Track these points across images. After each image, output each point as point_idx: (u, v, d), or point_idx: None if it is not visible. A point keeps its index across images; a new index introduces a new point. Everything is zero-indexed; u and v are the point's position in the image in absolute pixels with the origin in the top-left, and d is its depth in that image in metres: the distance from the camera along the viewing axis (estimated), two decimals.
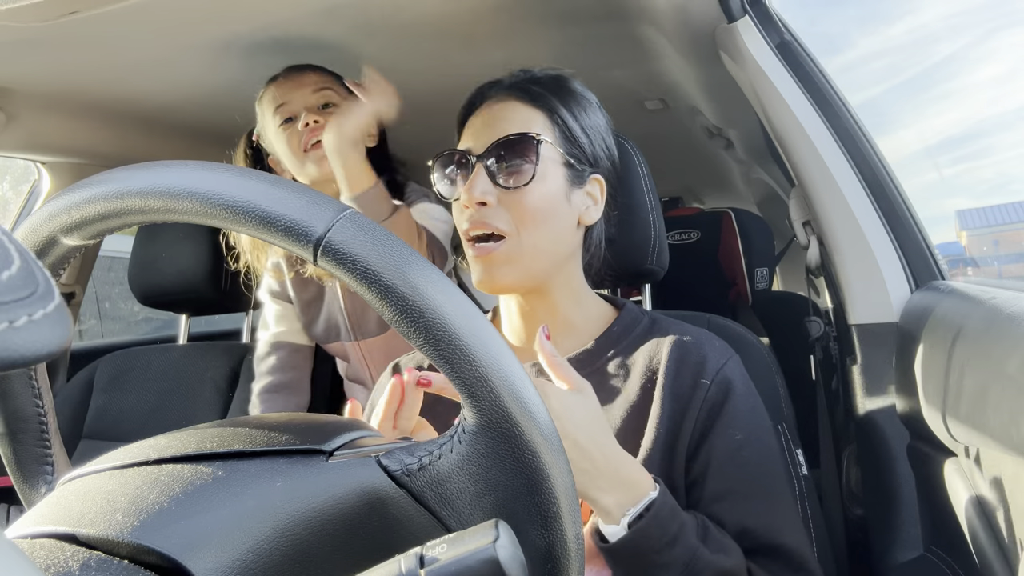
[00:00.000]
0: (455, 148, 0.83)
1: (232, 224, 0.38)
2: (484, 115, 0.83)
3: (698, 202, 3.38)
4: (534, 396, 0.39)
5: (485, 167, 0.79)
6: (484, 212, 0.78)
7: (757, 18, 1.13)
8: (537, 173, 0.78)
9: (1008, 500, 0.64)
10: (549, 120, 0.81)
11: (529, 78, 0.85)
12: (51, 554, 0.32)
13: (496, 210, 0.78)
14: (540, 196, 0.79)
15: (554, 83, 0.84)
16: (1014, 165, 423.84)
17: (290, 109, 1.22)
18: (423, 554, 0.33)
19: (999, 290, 0.73)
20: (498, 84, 0.85)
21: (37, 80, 1.35)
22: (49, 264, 0.45)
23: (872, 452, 0.99)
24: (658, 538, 0.64)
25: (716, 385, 0.77)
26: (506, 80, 0.86)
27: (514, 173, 0.78)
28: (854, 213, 1.03)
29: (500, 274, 0.79)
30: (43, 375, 0.49)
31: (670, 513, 0.66)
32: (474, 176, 0.79)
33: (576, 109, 0.84)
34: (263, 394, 1.40)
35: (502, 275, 0.79)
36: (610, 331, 0.85)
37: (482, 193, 0.78)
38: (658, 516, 0.65)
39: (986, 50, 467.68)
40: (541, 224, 0.79)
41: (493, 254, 0.78)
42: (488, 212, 0.78)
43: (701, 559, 0.66)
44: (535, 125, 0.80)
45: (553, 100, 0.82)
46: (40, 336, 0.22)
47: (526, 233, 0.78)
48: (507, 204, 0.78)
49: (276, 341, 1.45)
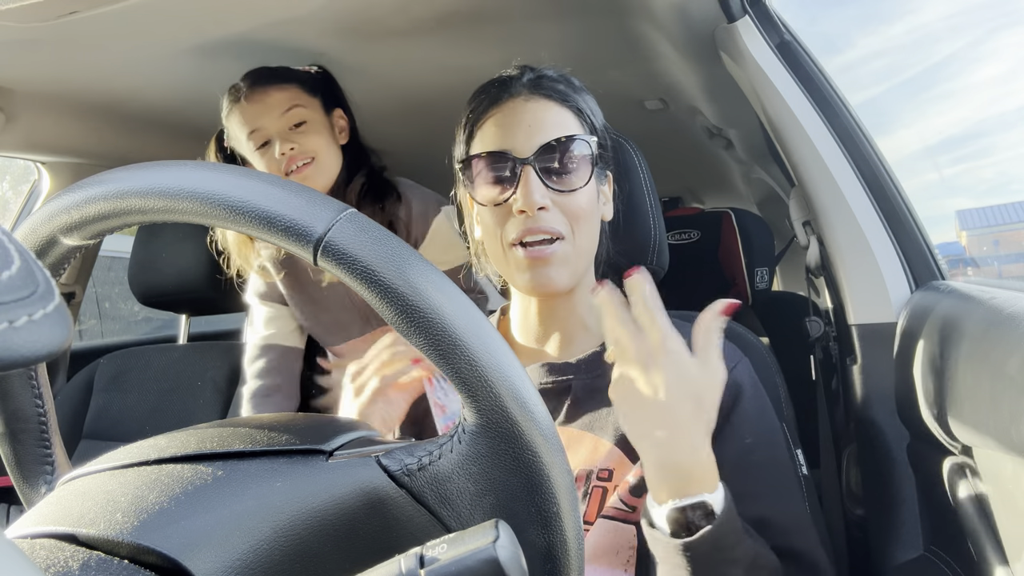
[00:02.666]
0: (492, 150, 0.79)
1: (232, 224, 0.38)
2: (515, 114, 0.80)
3: (698, 202, 3.38)
4: (534, 396, 0.39)
5: (536, 170, 0.77)
6: (541, 217, 0.76)
7: (757, 18, 1.13)
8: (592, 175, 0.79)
9: (1008, 500, 0.64)
10: (578, 119, 0.81)
11: (547, 76, 0.83)
12: (51, 554, 0.32)
13: (552, 214, 0.77)
14: (588, 197, 0.79)
15: (568, 82, 0.84)
16: (1014, 165, 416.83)
17: (264, 135, 1.23)
18: (423, 554, 0.33)
19: (999, 290, 0.73)
20: (515, 82, 0.82)
21: (37, 80, 1.35)
22: (49, 264, 0.45)
23: (872, 452, 0.99)
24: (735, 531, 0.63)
25: (726, 389, 0.77)
26: (523, 78, 0.83)
27: (566, 175, 0.77)
28: (854, 213, 1.03)
29: (557, 275, 0.78)
30: (43, 375, 0.49)
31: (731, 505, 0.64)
32: (528, 181, 0.76)
33: (592, 106, 0.84)
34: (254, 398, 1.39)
35: (559, 276, 0.78)
36: None
37: (542, 198, 0.76)
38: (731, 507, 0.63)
39: (986, 50, 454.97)
40: (589, 224, 0.80)
41: (552, 256, 0.77)
42: (547, 216, 0.77)
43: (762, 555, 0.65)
44: (572, 125, 0.80)
45: (578, 99, 0.82)
46: (40, 336, 0.22)
47: (579, 234, 0.78)
48: (561, 207, 0.78)
49: (266, 344, 1.44)
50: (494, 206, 0.79)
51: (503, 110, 0.81)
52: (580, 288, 0.84)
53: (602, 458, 0.77)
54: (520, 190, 0.76)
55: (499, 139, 0.80)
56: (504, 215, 0.79)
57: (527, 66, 0.85)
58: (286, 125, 1.23)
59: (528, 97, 0.81)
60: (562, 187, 0.77)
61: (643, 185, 0.97)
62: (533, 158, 0.77)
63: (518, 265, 0.78)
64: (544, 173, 0.77)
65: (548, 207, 0.77)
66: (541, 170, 0.77)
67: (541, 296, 0.82)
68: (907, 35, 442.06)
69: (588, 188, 0.79)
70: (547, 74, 0.84)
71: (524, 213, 0.76)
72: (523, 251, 0.77)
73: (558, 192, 0.77)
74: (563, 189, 0.77)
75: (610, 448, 0.77)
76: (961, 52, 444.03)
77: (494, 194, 0.79)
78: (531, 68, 0.85)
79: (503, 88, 0.82)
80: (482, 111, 0.83)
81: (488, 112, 0.82)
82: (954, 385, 0.72)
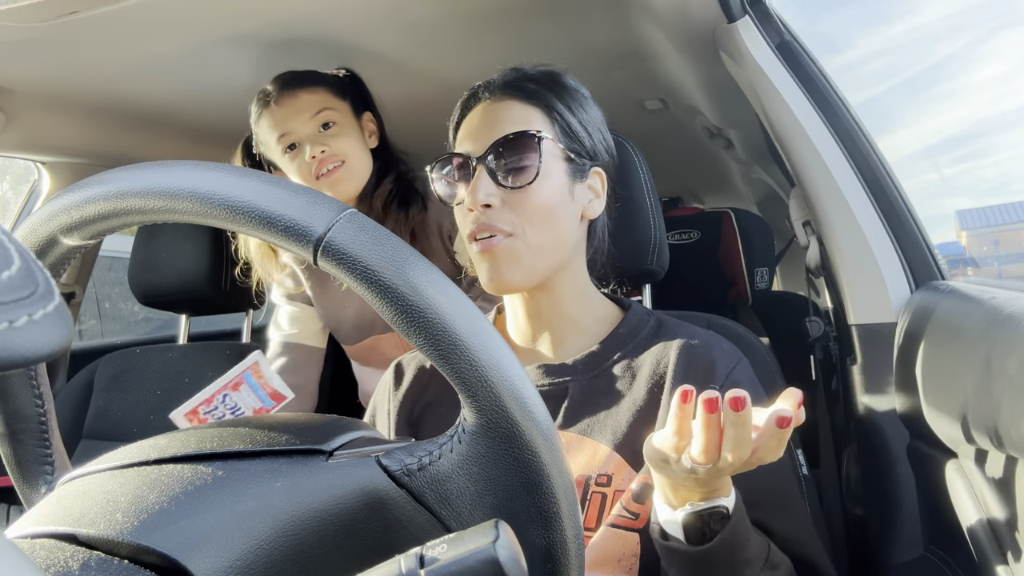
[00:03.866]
0: (453, 151, 0.82)
1: (232, 224, 0.38)
2: (481, 116, 0.82)
3: (698, 202, 3.38)
4: (534, 396, 0.39)
5: (486, 168, 0.78)
6: (489, 214, 0.77)
7: (757, 18, 1.13)
8: (541, 171, 0.77)
9: (1008, 500, 0.64)
10: (547, 116, 0.81)
11: (523, 76, 0.84)
12: (51, 554, 0.32)
13: (500, 211, 0.78)
14: (544, 194, 0.78)
15: (548, 79, 0.84)
16: (1014, 165, 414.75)
17: (293, 138, 1.22)
18: (423, 554, 0.33)
19: (999, 290, 0.73)
20: (491, 84, 0.84)
21: (37, 80, 1.35)
22: (49, 264, 0.45)
23: (872, 452, 0.99)
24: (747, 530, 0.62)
25: (725, 391, 0.76)
26: (499, 79, 0.84)
27: (517, 172, 0.77)
28: (854, 213, 1.03)
29: (507, 271, 0.78)
30: (43, 375, 0.49)
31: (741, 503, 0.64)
32: (476, 178, 0.78)
33: (572, 103, 0.83)
34: None
35: (509, 273, 0.78)
36: (616, 332, 0.84)
37: (486, 195, 0.77)
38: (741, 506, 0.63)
39: (986, 50, 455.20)
40: (545, 221, 0.79)
41: (496, 248, 0.77)
42: (492, 214, 0.77)
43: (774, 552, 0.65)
44: (534, 122, 0.80)
45: (549, 96, 0.82)
46: (40, 336, 0.22)
47: (531, 231, 0.78)
48: (511, 204, 0.78)
49: (289, 342, 1.44)
50: (456, 205, 0.82)
51: (473, 114, 0.83)
52: (563, 286, 0.83)
53: (600, 463, 0.76)
54: (470, 187, 0.78)
55: (463, 142, 0.82)
56: (464, 214, 0.80)
57: (514, 67, 0.86)
58: (316, 128, 1.22)
59: (497, 99, 0.82)
60: (510, 184, 0.78)
61: (643, 185, 0.97)
62: (484, 156, 0.78)
63: (476, 260, 0.80)
64: (495, 170, 0.78)
65: (495, 204, 0.78)
66: (492, 167, 0.78)
67: (499, 292, 0.82)
68: (907, 35, 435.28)
69: (544, 185, 0.78)
70: (525, 72, 0.84)
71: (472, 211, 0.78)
72: (476, 246, 0.79)
73: (507, 189, 0.78)
74: (510, 186, 0.78)
75: (609, 453, 0.76)
76: (961, 52, 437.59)
77: (452, 193, 0.82)
78: (517, 68, 0.85)
79: (475, 93, 0.85)
80: (459, 116, 0.86)
81: (464, 115, 0.85)
82: (954, 385, 0.72)
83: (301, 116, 1.21)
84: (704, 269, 2.33)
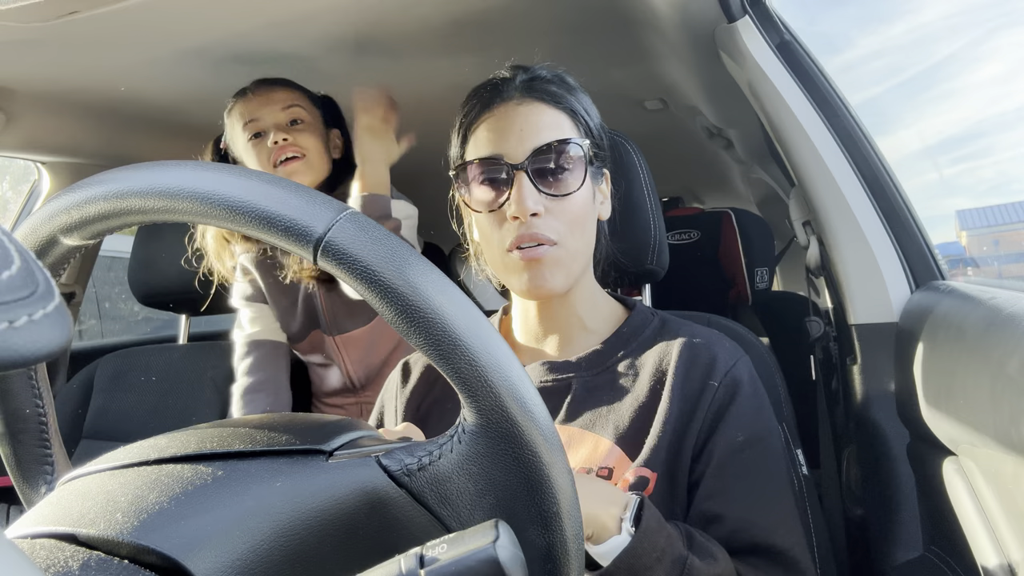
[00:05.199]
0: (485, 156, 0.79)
1: (232, 224, 0.38)
2: (508, 118, 0.80)
3: (698, 202, 3.38)
4: (534, 396, 0.39)
5: (528, 176, 0.77)
6: (536, 223, 0.76)
7: (757, 18, 1.13)
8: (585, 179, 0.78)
9: (1008, 500, 0.64)
10: (573, 121, 0.81)
11: (540, 78, 0.83)
12: (51, 554, 0.32)
13: (545, 219, 0.77)
14: (582, 200, 0.79)
15: (564, 82, 0.84)
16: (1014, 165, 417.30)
17: (259, 125, 1.25)
18: (423, 554, 0.33)
19: (999, 290, 0.73)
20: (508, 84, 0.82)
21: (37, 80, 1.35)
22: (49, 264, 0.45)
23: (872, 452, 0.99)
24: (649, 554, 0.63)
25: (724, 387, 0.77)
26: (516, 80, 0.83)
27: (559, 181, 0.77)
28: (854, 213, 1.03)
29: (552, 278, 0.77)
30: (43, 375, 0.49)
31: (657, 525, 0.65)
32: (521, 187, 0.76)
33: (587, 106, 0.84)
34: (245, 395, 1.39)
35: (554, 279, 0.78)
36: (620, 331, 0.85)
37: (535, 204, 0.76)
38: (647, 531, 0.64)
39: (986, 50, 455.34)
40: (582, 228, 0.79)
41: (544, 257, 0.77)
42: (539, 223, 0.76)
43: (693, 568, 0.65)
44: (564, 128, 0.80)
45: (572, 100, 0.82)
46: (40, 336, 0.22)
47: (571, 238, 0.78)
48: (554, 212, 0.77)
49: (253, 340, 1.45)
50: (489, 212, 0.79)
51: (496, 114, 0.81)
52: (578, 288, 0.84)
53: (602, 457, 0.77)
54: (513, 196, 0.76)
55: (492, 144, 0.79)
56: (499, 220, 0.78)
57: (521, 66, 0.85)
58: (284, 120, 1.26)
59: (520, 100, 0.80)
60: (556, 192, 0.77)
61: (643, 185, 0.97)
62: (526, 163, 0.77)
63: (515, 269, 0.78)
64: (537, 178, 0.77)
65: (541, 213, 0.76)
66: (534, 175, 0.77)
67: (540, 299, 0.82)
68: (907, 35, 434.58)
69: (582, 192, 0.79)
70: (540, 75, 0.83)
71: (518, 219, 0.76)
72: (519, 254, 0.77)
73: (552, 197, 0.77)
74: (556, 194, 0.77)
75: (610, 446, 0.77)
76: (961, 52, 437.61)
77: (488, 199, 0.79)
78: (524, 68, 0.84)
79: (495, 91, 0.82)
80: (475, 115, 0.82)
81: (481, 116, 0.82)
82: (954, 385, 0.72)
83: (272, 107, 1.26)
84: (704, 269, 2.33)
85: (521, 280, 0.78)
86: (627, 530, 0.63)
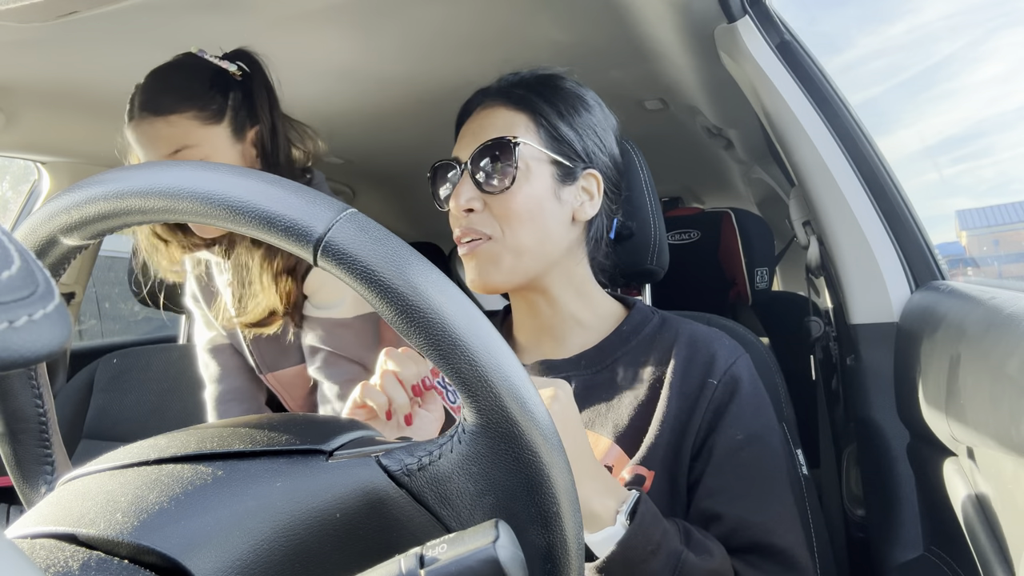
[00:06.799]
0: (448, 158, 0.85)
1: (232, 224, 0.38)
2: (473, 122, 0.85)
3: (698, 202, 3.38)
4: (534, 396, 0.39)
5: (471, 174, 0.81)
6: (471, 218, 0.80)
7: (757, 18, 1.13)
8: (518, 176, 0.79)
9: (1008, 500, 0.64)
10: (532, 121, 0.82)
11: (515, 81, 0.86)
12: (51, 554, 0.32)
13: (482, 215, 0.80)
14: (524, 197, 0.80)
15: (539, 83, 0.85)
16: (1014, 165, 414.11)
17: None
18: (423, 554, 0.33)
19: (999, 290, 0.73)
20: (487, 91, 0.87)
21: (37, 80, 1.35)
22: (49, 264, 0.45)
23: (872, 452, 0.99)
24: (643, 547, 0.63)
25: (723, 385, 0.77)
26: (494, 85, 0.87)
27: (496, 178, 0.80)
28: (854, 213, 1.03)
29: (487, 273, 0.81)
30: (43, 375, 0.49)
31: (652, 519, 0.65)
32: (460, 184, 0.81)
33: (563, 107, 0.84)
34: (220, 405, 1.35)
35: (489, 274, 0.81)
36: (620, 330, 0.85)
37: (467, 200, 0.80)
38: (642, 524, 0.64)
39: (986, 50, 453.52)
40: (526, 223, 0.80)
41: (477, 250, 0.80)
42: (475, 218, 0.80)
43: (687, 563, 0.65)
44: (517, 128, 0.81)
45: (536, 100, 0.83)
46: (40, 336, 0.22)
47: (510, 233, 0.80)
48: (493, 208, 0.80)
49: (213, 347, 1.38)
50: (446, 209, 0.84)
51: (471, 119, 0.86)
52: (557, 285, 0.84)
53: (601, 455, 0.78)
54: (454, 192, 0.81)
55: (457, 148, 0.85)
56: (454, 217, 0.83)
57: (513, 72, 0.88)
58: None
59: (487, 105, 0.85)
60: (490, 189, 0.80)
61: (643, 185, 0.97)
62: (468, 162, 0.81)
63: (464, 262, 0.83)
64: (477, 175, 0.80)
65: (477, 208, 0.80)
66: (474, 172, 0.80)
67: (483, 292, 0.84)
68: (907, 35, 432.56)
69: (525, 188, 0.80)
70: (519, 78, 0.87)
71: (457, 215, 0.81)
72: (462, 248, 0.82)
73: (488, 193, 0.80)
74: (491, 191, 0.80)
75: (609, 445, 0.78)
76: (961, 52, 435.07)
77: (444, 197, 0.85)
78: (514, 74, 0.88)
79: (478, 98, 0.88)
80: (460, 121, 0.88)
81: (462, 122, 0.87)
82: (954, 385, 0.72)
83: (158, 150, 1.05)
84: (704, 269, 2.33)
85: (467, 274, 0.83)
86: (622, 522, 0.64)
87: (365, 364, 1.21)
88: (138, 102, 1.06)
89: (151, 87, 1.07)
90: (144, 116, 1.05)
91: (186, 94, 1.05)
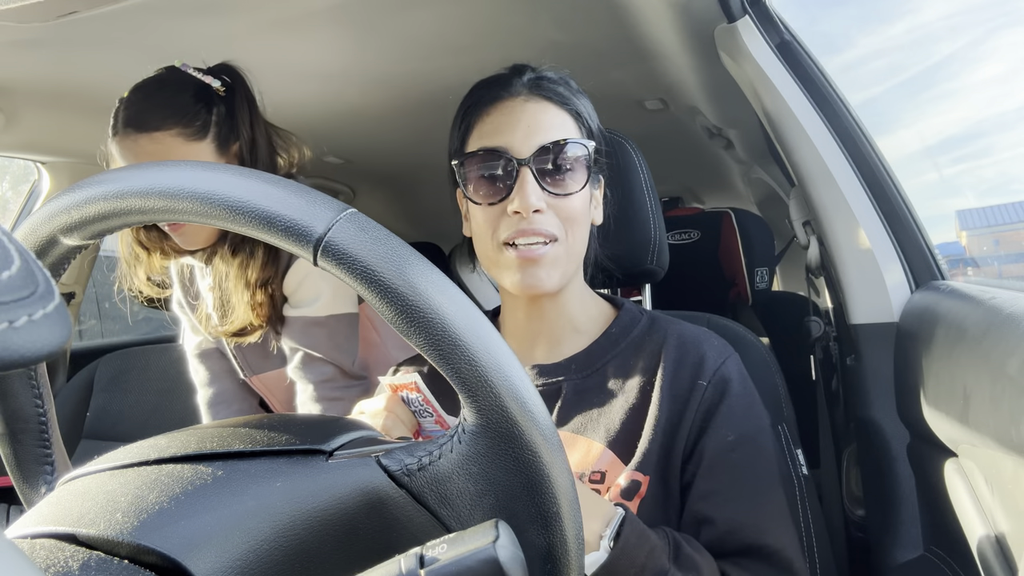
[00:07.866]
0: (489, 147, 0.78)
1: (232, 224, 0.38)
2: (514, 114, 0.79)
3: (698, 202, 3.38)
4: (534, 396, 0.39)
5: (533, 172, 0.77)
6: (536, 219, 0.76)
7: (757, 18, 1.13)
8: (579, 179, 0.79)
9: (1008, 500, 0.64)
10: (576, 123, 0.81)
11: (547, 78, 0.83)
12: (51, 554, 0.32)
13: (547, 216, 0.77)
14: (581, 200, 0.79)
15: (568, 85, 0.84)
16: (1014, 165, 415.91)
17: None
18: (423, 554, 0.33)
19: (999, 290, 0.73)
20: (515, 81, 0.82)
21: (37, 80, 1.34)
22: (49, 264, 0.45)
23: (872, 452, 0.99)
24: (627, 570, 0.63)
25: (713, 386, 0.77)
26: (523, 77, 0.82)
27: (563, 179, 0.78)
28: (854, 213, 1.03)
29: (547, 277, 0.77)
30: (43, 375, 0.49)
31: (638, 540, 0.65)
32: (525, 182, 0.76)
33: (590, 110, 0.84)
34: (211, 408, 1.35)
35: (549, 278, 0.78)
36: (609, 332, 0.84)
37: (538, 200, 0.76)
38: (626, 547, 0.64)
39: (986, 50, 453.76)
40: (582, 227, 0.80)
41: (543, 257, 0.77)
42: (540, 219, 0.77)
43: None
44: (569, 129, 0.80)
45: (577, 103, 0.82)
46: (40, 336, 0.22)
47: (572, 236, 0.79)
48: (555, 210, 0.78)
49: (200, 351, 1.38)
50: (488, 205, 0.78)
51: (501, 108, 0.80)
52: (568, 289, 0.84)
53: (594, 460, 0.77)
54: (517, 191, 0.76)
55: (496, 137, 0.79)
56: (497, 214, 0.78)
57: (526, 65, 0.85)
58: None
59: (528, 97, 0.80)
60: (558, 190, 0.77)
61: (643, 185, 0.97)
62: (531, 159, 0.76)
63: (508, 265, 0.78)
64: (541, 175, 0.77)
65: (543, 209, 0.76)
66: (538, 172, 0.77)
67: (530, 296, 0.82)
68: (907, 35, 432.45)
69: (583, 192, 0.79)
70: (547, 75, 0.83)
71: (519, 214, 0.76)
72: (514, 251, 0.77)
73: (554, 195, 0.77)
74: (559, 192, 0.77)
75: (602, 450, 0.77)
76: (961, 52, 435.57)
77: (489, 193, 0.78)
78: (531, 68, 0.84)
79: (502, 86, 0.82)
80: (480, 108, 0.82)
81: (486, 109, 0.81)
82: (954, 385, 0.72)
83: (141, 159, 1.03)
84: (704, 269, 2.34)
85: (513, 277, 0.78)
86: (605, 547, 0.63)
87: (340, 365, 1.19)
88: (122, 117, 1.05)
89: (135, 103, 1.06)
90: (128, 132, 1.04)
91: (170, 111, 1.05)
